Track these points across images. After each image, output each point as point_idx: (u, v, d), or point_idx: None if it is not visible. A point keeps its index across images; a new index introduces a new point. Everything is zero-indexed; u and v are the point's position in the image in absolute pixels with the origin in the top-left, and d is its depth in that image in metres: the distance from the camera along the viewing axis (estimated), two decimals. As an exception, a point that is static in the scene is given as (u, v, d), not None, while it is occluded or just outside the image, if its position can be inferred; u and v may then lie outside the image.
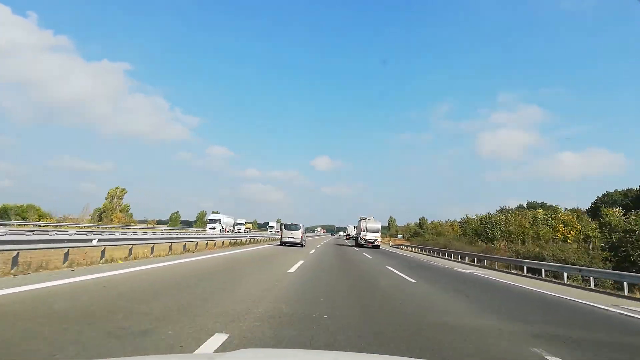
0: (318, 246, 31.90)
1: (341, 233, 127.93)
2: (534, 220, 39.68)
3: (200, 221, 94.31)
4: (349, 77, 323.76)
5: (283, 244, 28.73)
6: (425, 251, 37.87)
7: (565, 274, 16.62)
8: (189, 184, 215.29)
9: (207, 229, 56.91)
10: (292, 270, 11.36)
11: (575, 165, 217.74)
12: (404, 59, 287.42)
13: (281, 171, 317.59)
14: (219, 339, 3.84)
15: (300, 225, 30.70)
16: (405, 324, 5.40)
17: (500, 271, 20.29)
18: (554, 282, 15.94)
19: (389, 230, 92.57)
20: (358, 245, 36.48)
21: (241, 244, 27.32)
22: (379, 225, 37.48)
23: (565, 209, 43.55)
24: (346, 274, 12.13)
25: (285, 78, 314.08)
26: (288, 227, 30.35)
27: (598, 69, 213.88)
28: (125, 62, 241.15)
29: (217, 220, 60.06)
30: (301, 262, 14.41)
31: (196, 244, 18.79)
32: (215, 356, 2.18)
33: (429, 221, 71.07)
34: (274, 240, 37.05)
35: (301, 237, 29.64)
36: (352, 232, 69.99)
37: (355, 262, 18.45)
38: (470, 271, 18.47)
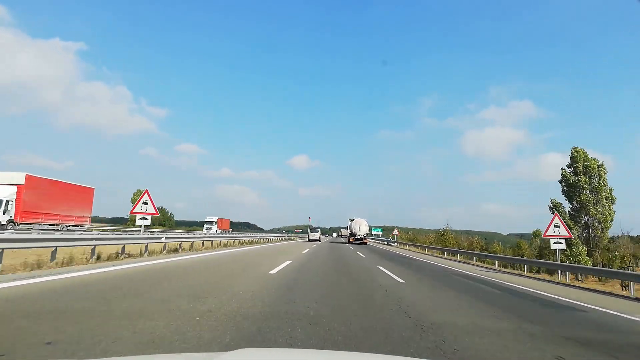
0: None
1: (334, 235, 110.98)
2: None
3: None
4: (328, 75, 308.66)
5: (309, 240, 51.58)
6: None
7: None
8: (158, 183, 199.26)
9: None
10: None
11: (560, 165, 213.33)
12: (393, 53, 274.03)
13: (256, 171, 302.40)
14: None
15: (319, 229, 60.02)
16: None
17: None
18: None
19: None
20: None
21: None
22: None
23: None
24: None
25: (260, 75, 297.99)
26: (312, 230, 57.82)
27: (595, 70, 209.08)
28: (80, 41, 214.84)
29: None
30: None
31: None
32: (215, 356, 1.95)
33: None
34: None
35: (319, 236, 56.14)
36: (360, 231, 48.91)
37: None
38: None
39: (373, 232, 69.97)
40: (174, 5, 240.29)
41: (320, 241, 50.00)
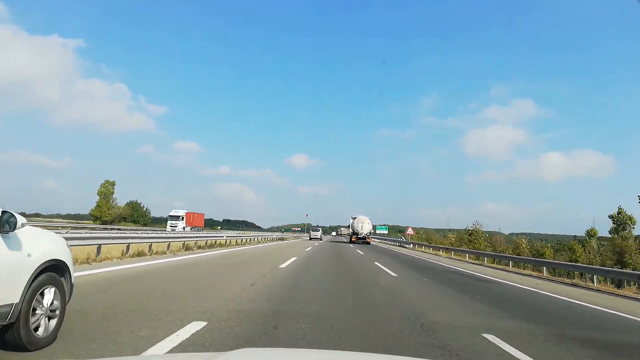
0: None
1: (333, 234, 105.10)
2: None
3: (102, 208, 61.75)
4: (328, 74, 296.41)
5: (310, 238, 50.86)
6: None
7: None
8: (157, 181, 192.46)
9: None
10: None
11: (562, 166, 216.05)
12: (393, 52, 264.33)
13: (255, 170, 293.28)
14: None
15: (320, 228, 61.75)
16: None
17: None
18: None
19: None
20: None
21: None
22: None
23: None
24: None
25: (260, 74, 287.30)
26: (313, 229, 59.06)
27: (597, 70, 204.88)
28: (79, 38, 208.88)
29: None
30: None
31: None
32: (215, 356, 1.88)
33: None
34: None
35: (320, 235, 57.16)
36: (363, 230, 42.14)
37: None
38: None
39: (377, 231, 60.20)
40: (174, 5, 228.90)
41: (321, 240, 50.40)
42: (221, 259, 13.66)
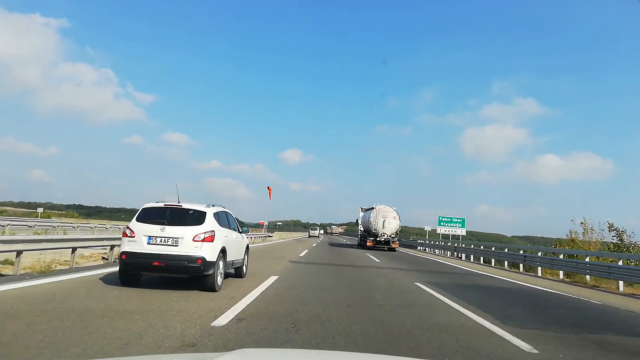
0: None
1: (322, 232, 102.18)
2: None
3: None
4: (324, 69, 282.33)
5: (309, 236, 56.07)
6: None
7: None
8: (147, 174, 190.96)
9: None
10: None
11: (560, 168, 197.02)
12: (392, 47, 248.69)
13: (247, 164, 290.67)
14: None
15: (318, 226, 71.82)
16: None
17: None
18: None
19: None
20: None
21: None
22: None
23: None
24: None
25: (255, 70, 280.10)
26: (312, 227, 67.09)
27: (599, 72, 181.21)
28: (62, 17, 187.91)
29: None
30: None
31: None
32: (215, 356, 2.09)
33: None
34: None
35: (318, 233, 63.36)
36: (385, 229, 26.09)
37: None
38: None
39: (442, 228, 31.36)
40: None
41: (319, 238, 53.41)
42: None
